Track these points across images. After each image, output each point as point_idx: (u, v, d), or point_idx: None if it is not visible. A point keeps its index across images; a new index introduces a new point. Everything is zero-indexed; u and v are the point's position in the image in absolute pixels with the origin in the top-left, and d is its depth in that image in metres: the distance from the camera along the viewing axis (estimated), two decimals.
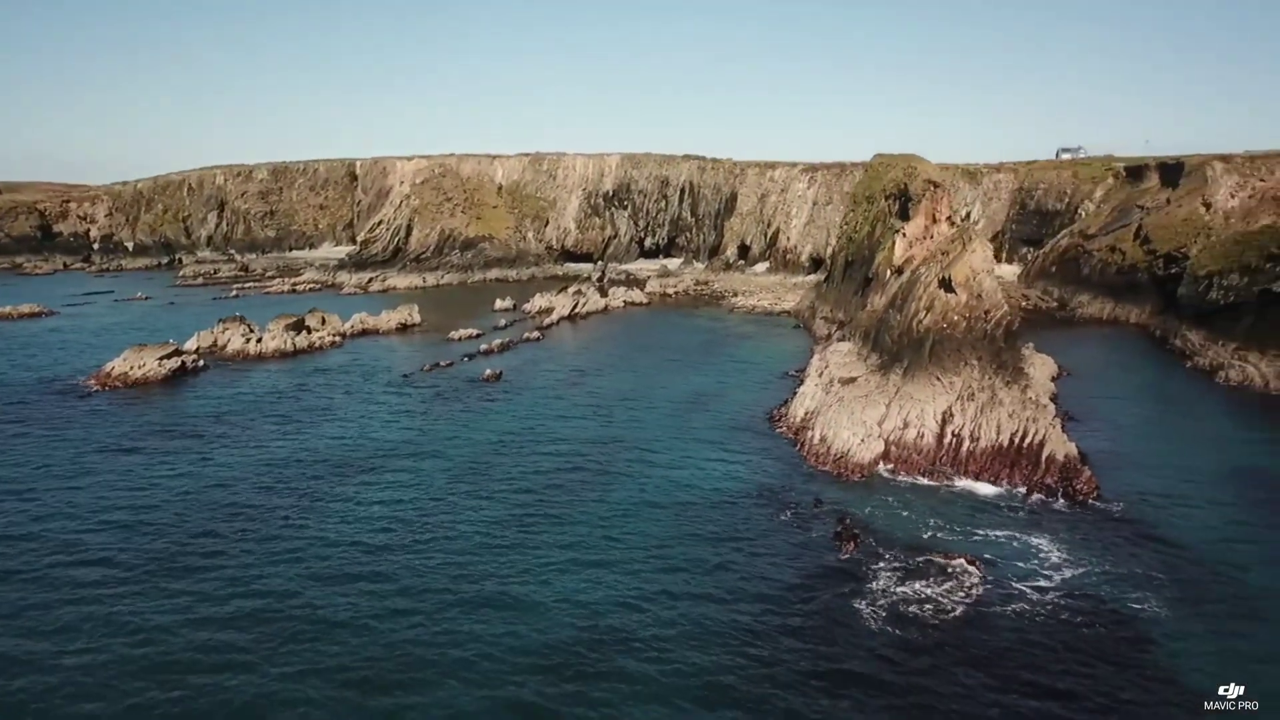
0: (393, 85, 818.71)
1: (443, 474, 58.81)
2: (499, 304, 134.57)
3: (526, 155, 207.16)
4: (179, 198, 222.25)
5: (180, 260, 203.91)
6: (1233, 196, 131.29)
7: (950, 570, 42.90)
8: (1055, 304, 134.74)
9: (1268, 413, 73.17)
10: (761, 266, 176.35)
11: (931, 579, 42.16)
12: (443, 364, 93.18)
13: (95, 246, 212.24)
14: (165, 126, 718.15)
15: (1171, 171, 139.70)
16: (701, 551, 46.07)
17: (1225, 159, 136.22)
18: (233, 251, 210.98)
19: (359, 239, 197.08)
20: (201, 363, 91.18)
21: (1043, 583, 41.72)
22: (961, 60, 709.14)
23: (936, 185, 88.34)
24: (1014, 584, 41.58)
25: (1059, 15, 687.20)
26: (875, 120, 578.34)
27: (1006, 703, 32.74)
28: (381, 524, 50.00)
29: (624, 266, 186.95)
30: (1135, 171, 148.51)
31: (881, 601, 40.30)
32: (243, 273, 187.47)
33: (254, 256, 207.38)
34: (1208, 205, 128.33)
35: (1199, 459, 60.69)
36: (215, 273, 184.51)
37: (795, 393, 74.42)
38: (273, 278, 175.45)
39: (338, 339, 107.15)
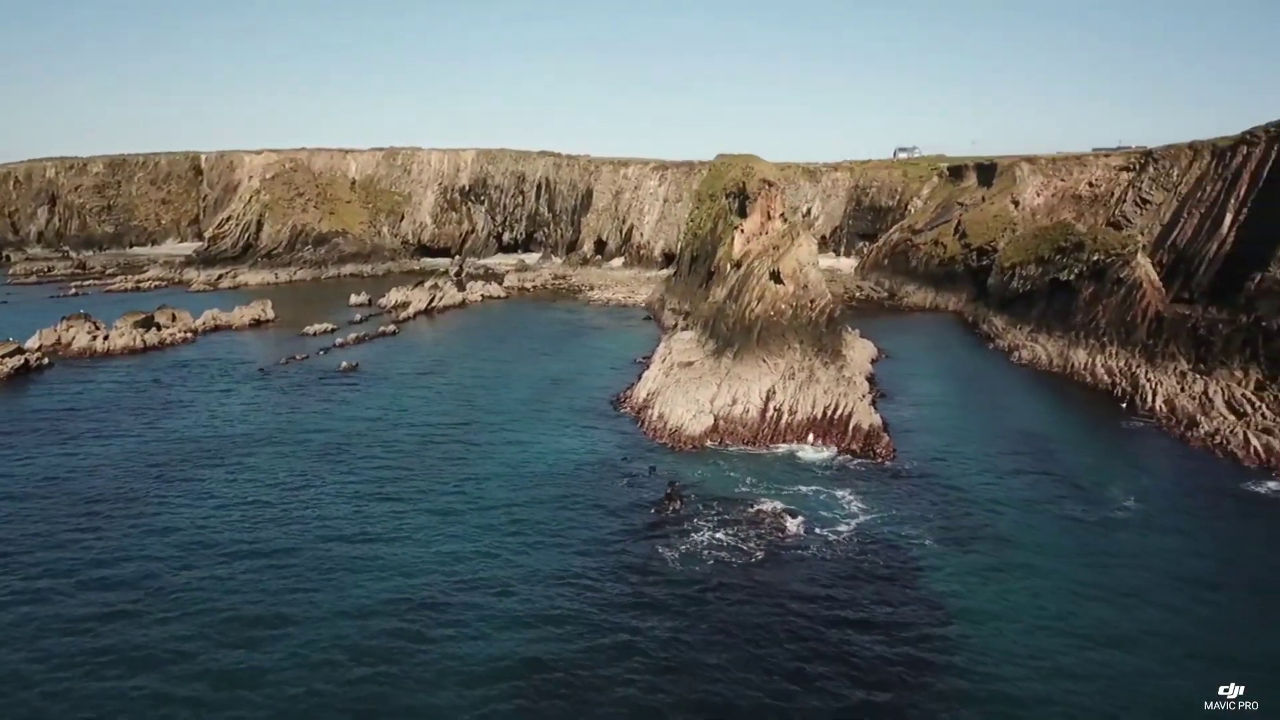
0: (238, 76, 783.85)
1: (307, 453, 62.01)
2: (354, 299, 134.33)
3: (380, 150, 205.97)
4: (4, 191, 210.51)
5: (8, 258, 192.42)
6: (1038, 195, 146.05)
7: (761, 519, 49.69)
8: (886, 294, 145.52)
9: (1047, 386, 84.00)
10: (618, 261, 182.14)
11: (745, 525, 48.86)
12: (299, 357, 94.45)
13: None
14: None
15: (986, 171, 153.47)
16: (546, 509, 51.85)
17: (1031, 160, 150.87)
18: (67, 248, 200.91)
19: (207, 235, 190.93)
20: (46, 360, 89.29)
21: (840, 526, 49.02)
22: (808, 59, 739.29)
23: (771, 184, 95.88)
24: (816, 528, 48.71)
25: (901, 17, 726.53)
26: (724, 119, 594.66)
27: (785, 603, 40.47)
28: (250, 498, 53.30)
29: (482, 261, 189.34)
30: (957, 171, 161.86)
31: (695, 545, 46.75)
32: (80, 270, 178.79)
33: (91, 253, 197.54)
34: (1016, 203, 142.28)
35: (983, 425, 70.10)
36: (50, 270, 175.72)
37: (640, 377, 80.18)
38: (114, 275, 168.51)
39: (189, 335, 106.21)
